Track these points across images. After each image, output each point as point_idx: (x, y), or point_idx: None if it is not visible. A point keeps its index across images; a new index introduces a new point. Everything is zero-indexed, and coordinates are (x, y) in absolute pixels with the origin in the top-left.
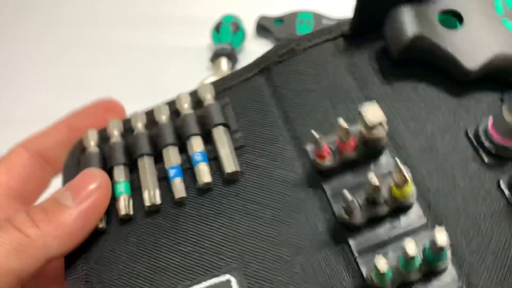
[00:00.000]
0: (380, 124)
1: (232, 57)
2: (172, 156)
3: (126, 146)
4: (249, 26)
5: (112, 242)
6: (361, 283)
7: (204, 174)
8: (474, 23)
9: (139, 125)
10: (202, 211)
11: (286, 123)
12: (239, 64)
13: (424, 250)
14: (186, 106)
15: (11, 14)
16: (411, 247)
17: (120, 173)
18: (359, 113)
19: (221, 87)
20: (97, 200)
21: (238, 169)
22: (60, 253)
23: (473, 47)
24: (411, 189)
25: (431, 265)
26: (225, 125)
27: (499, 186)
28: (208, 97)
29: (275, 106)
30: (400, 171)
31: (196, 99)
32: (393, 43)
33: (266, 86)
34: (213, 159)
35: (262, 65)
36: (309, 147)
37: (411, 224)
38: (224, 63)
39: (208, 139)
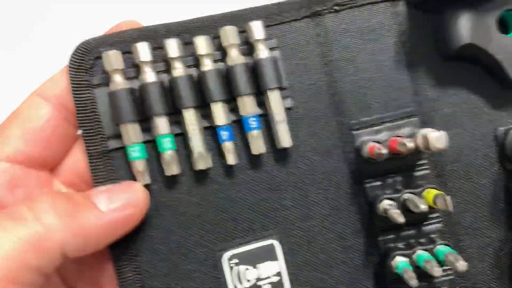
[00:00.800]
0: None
1: None
2: (222, 115)
3: (164, 88)
4: None
5: (158, 202)
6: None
7: (259, 144)
8: None
9: (179, 65)
10: (251, 178)
11: (333, 95)
12: None
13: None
14: (235, 54)
15: None
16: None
17: (164, 126)
18: (424, 137)
19: (269, 20)
20: (128, 216)
21: (291, 144)
22: (77, 253)
23: None
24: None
25: None
26: (281, 88)
27: None
28: (261, 47)
29: (323, 67)
30: (444, 199)
31: (243, 39)
32: (444, 44)
33: (315, 37)
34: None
35: (315, 8)
36: (363, 142)
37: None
38: None
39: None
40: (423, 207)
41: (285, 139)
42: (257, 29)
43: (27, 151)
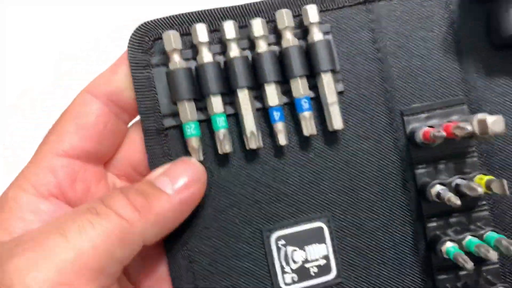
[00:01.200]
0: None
1: None
2: (275, 96)
3: (220, 69)
4: None
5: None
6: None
7: (311, 125)
8: None
9: (234, 46)
10: (301, 160)
11: (384, 81)
12: None
13: None
14: (290, 36)
15: None
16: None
17: (219, 104)
18: (481, 121)
19: (323, 6)
20: (194, 192)
21: (343, 126)
22: (155, 239)
23: None
24: None
25: None
26: (333, 71)
27: None
28: (315, 30)
29: (375, 53)
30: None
31: (298, 22)
32: (495, 33)
33: (368, 23)
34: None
35: None
36: (415, 128)
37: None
38: None
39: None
40: (480, 190)
41: (337, 121)
42: (312, 12)
43: (82, 146)
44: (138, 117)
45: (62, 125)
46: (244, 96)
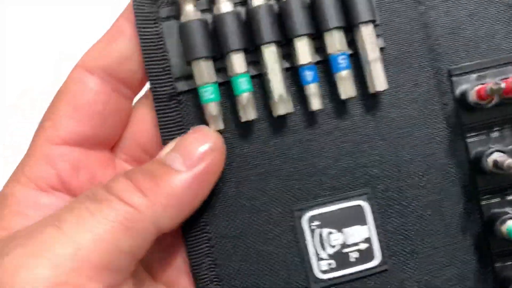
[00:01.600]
0: None
1: None
2: (308, 52)
3: (241, 22)
4: None
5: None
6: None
7: (349, 86)
8: None
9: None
10: (337, 128)
11: (429, 37)
12: None
13: None
14: None
15: None
16: None
17: (241, 63)
18: None
19: None
20: (211, 164)
21: (387, 86)
22: (171, 225)
23: None
24: None
25: None
26: (374, 22)
27: None
28: None
29: (416, 4)
30: None
31: None
32: None
33: None
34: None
35: None
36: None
37: None
38: None
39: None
40: None
41: (380, 81)
42: None
43: (80, 131)
44: (143, 91)
45: (56, 108)
46: (270, 54)
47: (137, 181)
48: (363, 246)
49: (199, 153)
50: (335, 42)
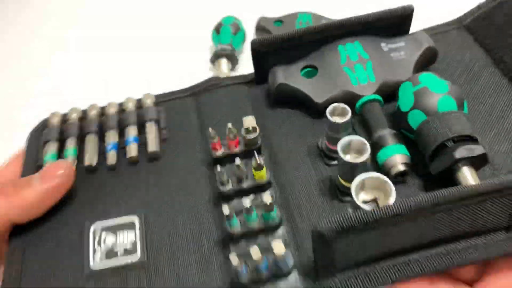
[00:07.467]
0: (253, 129)
1: (232, 58)
2: (111, 136)
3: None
4: (250, 27)
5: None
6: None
7: (132, 150)
8: (325, 72)
9: (93, 112)
10: (129, 176)
11: (201, 131)
12: (240, 64)
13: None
14: (130, 105)
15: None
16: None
17: (71, 142)
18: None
19: (160, 99)
20: (59, 183)
21: (159, 149)
22: (22, 219)
23: (322, 88)
24: (264, 173)
25: (265, 222)
26: (157, 121)
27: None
28: (148, 102)
29: (196, 118)
30: (256, 159)
31: (140, 104)
32: (270, 88)
33: (193, 104)
34: (143, 144)
35: (194, 90)
36: (209, 141)
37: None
38: (224, 64)
39: (143, 131)
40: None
41: (152, 146)
42: (149, 97)
43: None
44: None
45: None
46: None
47: (4, 188)
48: (129, 246)
49: (52, 175)
50: (129, 131)
